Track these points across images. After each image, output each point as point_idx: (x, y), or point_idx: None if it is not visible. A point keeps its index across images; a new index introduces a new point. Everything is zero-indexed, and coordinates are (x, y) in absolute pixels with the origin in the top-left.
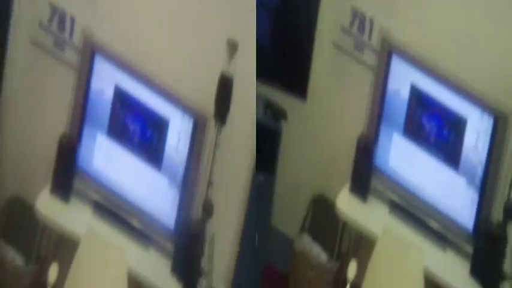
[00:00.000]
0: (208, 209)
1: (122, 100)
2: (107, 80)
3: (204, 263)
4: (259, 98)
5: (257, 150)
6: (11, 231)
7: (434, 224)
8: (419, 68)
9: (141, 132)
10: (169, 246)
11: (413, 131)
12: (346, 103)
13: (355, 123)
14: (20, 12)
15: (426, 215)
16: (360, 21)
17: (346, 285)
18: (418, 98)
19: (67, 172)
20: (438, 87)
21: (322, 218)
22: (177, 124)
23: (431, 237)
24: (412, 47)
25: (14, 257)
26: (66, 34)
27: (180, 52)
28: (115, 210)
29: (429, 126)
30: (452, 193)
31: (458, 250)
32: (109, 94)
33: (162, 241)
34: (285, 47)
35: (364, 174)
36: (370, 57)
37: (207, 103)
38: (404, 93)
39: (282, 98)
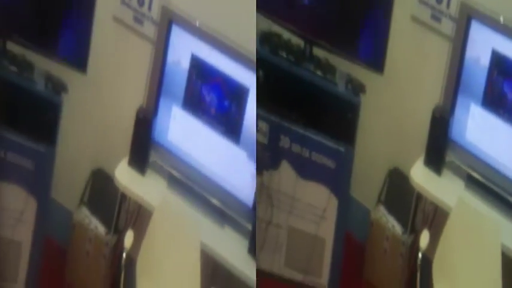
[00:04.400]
0: None
1: (198, 69)
2: (183, 49)
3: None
4: (341, 73)
5: (337, 122)
6: (95, 201)
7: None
8: (500, 33)
9: (218, 103)
10: (247, 225)
11: (493, 101)
12: (422, 75)
13: (432, 95)
14: None
15: (505, 190)
16: None
17: (418, 255)
18: (499, 65)
19: (143, 145)
20: None
21: (398, 191)
22: None
23: (509, 212)
24: (488, 11)
25: (97, 226)
26: (145, 8)
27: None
28: (190, 185)
29: (510, 94)
30: None
31: None
32: (185, 64)
33: (239, 219)
34: (360, 20)
35: (439, 146)
36: (447, 27)
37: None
38: (485, 61)
39: (359, 72)
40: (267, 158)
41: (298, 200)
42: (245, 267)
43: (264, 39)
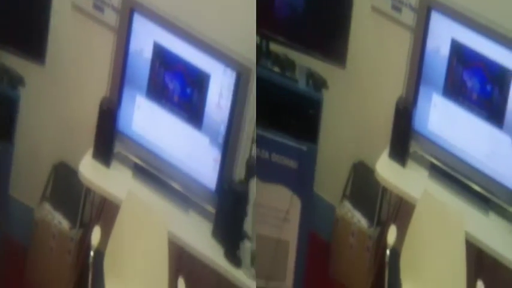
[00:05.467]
0: (252, 168)
1: (161, 57)
2: (145, 37)
3: (247, 225)
4: (301, 68)
5: (299, 120)
6: (58, 196)
7: (476, 187)
8: (460, 23)
9: (181, 90)
10: (210, 208)
11: (454, 90)
12: (385, 67)
13: (394, 87)
14: None
15: (467, 178)
16: None
17: (386, 250)
18: (458, 54)
19: (108, 136)
20: (480, 40)
21: (363, 185)
22: (219, 79)
23: (474, 200)
24: (447, 1)
25: (61, 221)
26: None
27: (218, 3)
28: (155, 173)
29: (471, 83)
30: None
31: None
32: (148, 52)
33: (202, 203)
34: (322, 14)
35: (403, 138)
36: (408, 17)
37: (250, 54)
38: (445, 51)
39: (320, 66)
40: None
41: (259, 205)
42: (210, 250)
43: None
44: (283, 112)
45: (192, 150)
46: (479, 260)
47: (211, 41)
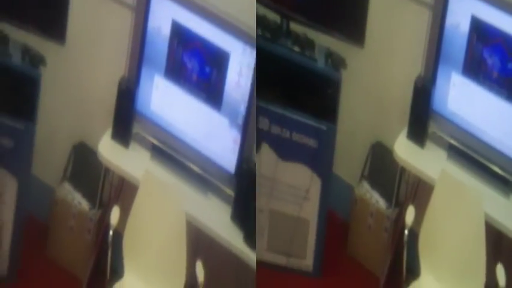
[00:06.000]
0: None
1: (179, 36)
2: (163, 16)
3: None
4: (320, 47)
5: (318, 99)
6: (77, 176)
7: (496, 168)
8: None
9: (199, 69)
10: (230, 191)
11: (473, 68)
12: (403, 45)
13: (413, 66)
14: None
15: (487, 159)
16: None
17: (404, 231)
18: (478, 31)
19: (126, 117)
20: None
21: (381, 165)
22: (238, 57)
23: (493, 181)
24: None
25: (80, 201)
26: None
27: None
28: (173, 154)
29: (491, 61)
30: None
31: None
32: (166, 31)
33: (222, 186)
34: None
35: (422, 118)
36: None
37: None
38: (464, 28)
39: (338, 46)
40: None
41: (280, 182)
42: (229, 234)
43: None
44: (303, 91)
45: (211, 131)
46: (498, 243)
47: (230, 18)
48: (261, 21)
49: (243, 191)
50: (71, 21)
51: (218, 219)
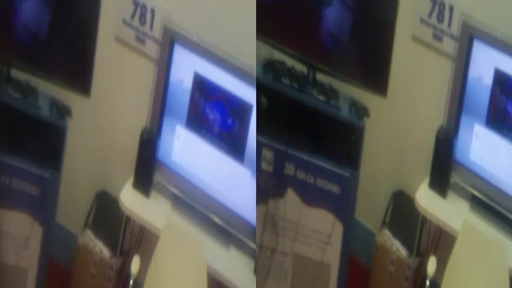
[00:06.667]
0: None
1: (201, 87)
2: (186, 67)
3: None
4: (344, 97)
5: (341, 147)
6: (99, 224)
7: None
8: (503, 52)
9: (221, 120)
10: (252, 244)
11: (497, 120)
12: (425, 96)
13: (435, 116)
14: (105, 11)
15: (509, 211)
16: (439, 9)
17: (425, 281)
18: (502, 84)
19: (148, 166)
20: None
21: (402, 214)
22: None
23: None
24: (490, 29)
25: (102, 249)
26: (147, 27)
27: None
28: (195, 205)
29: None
30: None
31: None
32: (188, 83)
33: (244, 239)
34: (364, 43)
35: (444, 168)
36: (449, 46)
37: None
38: (488, 80)
39: (362, 95)
40: (272, 186)
41: (304, 227)
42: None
43: (267, 66)
44: (327, 138)
45: (233, 183)
46: None
47: (252, 70)
48: (289, 72)
49: None
50: (96, 74)
51: (240, 272)
